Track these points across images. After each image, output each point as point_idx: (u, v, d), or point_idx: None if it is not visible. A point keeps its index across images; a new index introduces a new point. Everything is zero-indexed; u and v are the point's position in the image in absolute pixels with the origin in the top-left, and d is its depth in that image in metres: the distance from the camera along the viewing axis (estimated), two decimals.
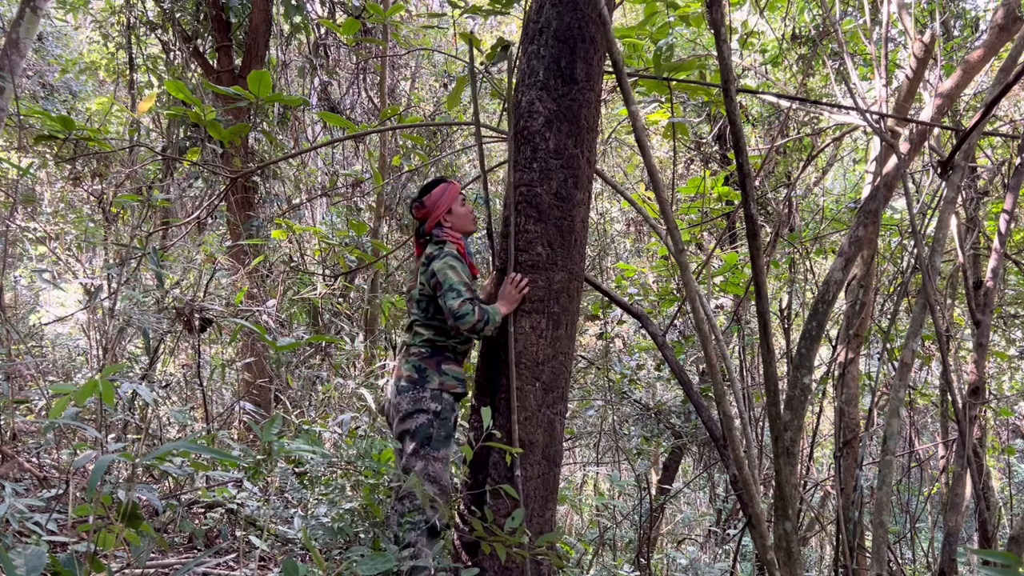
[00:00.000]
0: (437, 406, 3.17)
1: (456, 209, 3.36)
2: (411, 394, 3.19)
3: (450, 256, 3.20)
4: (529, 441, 3.06)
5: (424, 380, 3.20)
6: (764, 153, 6.49)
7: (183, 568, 2.17)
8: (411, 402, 3.18)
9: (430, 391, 3.18)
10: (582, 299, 4.45)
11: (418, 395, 3.18)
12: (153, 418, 4.37)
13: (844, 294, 4.50)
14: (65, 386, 2.09)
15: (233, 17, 6.78)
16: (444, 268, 3.15)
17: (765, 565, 2.36)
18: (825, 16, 6.27)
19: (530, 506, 3.03)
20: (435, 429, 3.15)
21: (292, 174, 7.50)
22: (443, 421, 3.17)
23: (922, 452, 7.66)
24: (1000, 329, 7.71)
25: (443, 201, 3.35)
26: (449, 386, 3.23)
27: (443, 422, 3.17)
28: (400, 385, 3.26)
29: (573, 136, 3.17)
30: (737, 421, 4.61)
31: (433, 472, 3.11)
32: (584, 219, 3.27)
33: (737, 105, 2.11)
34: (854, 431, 4.43)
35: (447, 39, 9.59)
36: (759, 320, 2.20)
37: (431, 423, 3.15)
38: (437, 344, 3.27)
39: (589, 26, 3.17)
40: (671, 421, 6.14)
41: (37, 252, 7.54)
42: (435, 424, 3.15)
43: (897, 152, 3.47)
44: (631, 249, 10.42)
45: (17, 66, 3.86)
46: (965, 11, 6.70)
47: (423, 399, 3.17)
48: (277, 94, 3.64)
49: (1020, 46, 3.31)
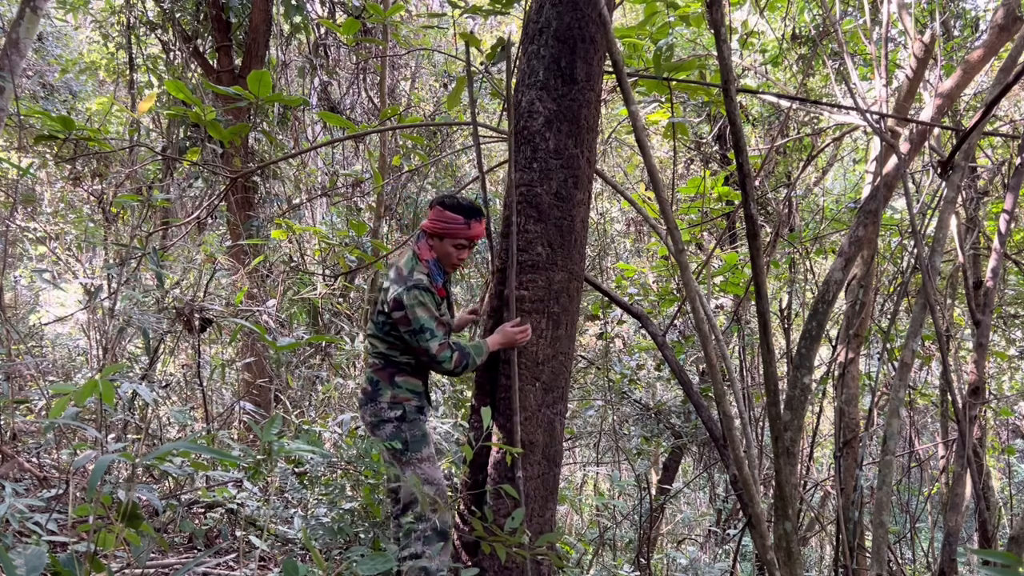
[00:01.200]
0: (397, 412, 3.07)
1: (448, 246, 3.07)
2: (369, 407, 3.10)
3: (416, 290, 2.93)
4: (529, 441, 3.06)
5: (376, 393, 3.09)
6: (764, 153, 6.49)
7: (183, 568, 2.17)
8: (371, 415, 3.09)
9: (385, 403, 3.07)
10: (582, 299, 4.45)
11: (375, 407, 3.08)
12: (153, 418, 4.37)
13: (844, 294, 4.50)
14: (65, 386, 2.09)
15: (233, 17, 6.78)
16: (413, 306, 2.92)
17: (765, 565, 2.36)
18: (825, 16, 6.27)
19: (530, 506, 3.03)
20: (405, 432, 3.04)
21: (292, 174, 7.50)
22: (410, 423, 3.07)
23: (922, 452, 7.66)
24: (1000, 329, 7.71)
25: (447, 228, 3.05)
26: (402, 398, 3.08)
27: (411, 424, 3.07)
28: (359, 398, 3.21)
29: (573, 136, 3.17)
30: (737, 421, 4.61)
31: (423, 474, 3.03)
32: (584, 219, 3.26)
33: (737, 105, 2.11)
34: (854, 431, 4.43)
35: (447, 39, 9.59)
36: (759, 320, 2.20)
37: (398, 428, 3.05)
38: (390, 358, 3.10)
39: (589, 26, 3.17)
40: (671, 421, 6.14)
41: (37, 252, 7.54)
42: (403, 428, 3.05)
43: (897, 152, 3.47)
44: (631, 249, 10.42)
45: (17, 66, 3.86)
46: (965, 11, 6.70)
47: (381, 410, 3.07)
48: (277, 94, 3.64)
49: (1020, 46, 3.31)
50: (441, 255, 3.10)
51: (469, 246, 3.12)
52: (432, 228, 3.07)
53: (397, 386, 3.09)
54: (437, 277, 3.08)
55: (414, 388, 3.12)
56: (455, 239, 3.06)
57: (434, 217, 3.08)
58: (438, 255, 3.11)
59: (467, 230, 3.05)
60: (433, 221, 3.07)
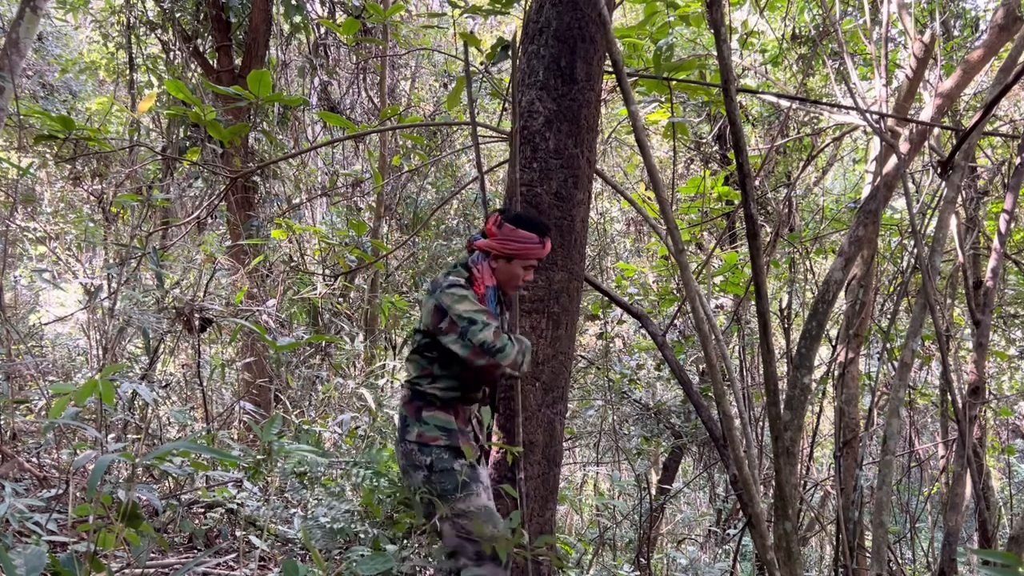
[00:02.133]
0: (427, 459, 2.69)
1: (517, 268, 2.77)
2: (400, 448, 2.77)
3: (452, 287, 2.66)
4: (529, 441, 3.06)
5: (405, 430, 2.76)
6: (764, 153, 6.49)
7: (183, 568, 2.17)
8: (402, 456, 2.75)
9: (413, 445, 2.72)
10: (582, 299, 4.45)
11: (405, 448, 2.74)
12: (153, 418, 4.37)
13: (844, 294, 4.50)
14: (65, 386, 2.09)
15: (233, 17, 6.78)
16: (452, 303, 2.61)
17: (765, 565, 2.36)
18: (825, 16, 6.27)
19: (530, 506, 3.03)
20: (435, 484, 2.66)
21: (292, 174, 7.50)
22: (442, 473, 2.67)
23: (922, 452, 7.66)
24: (1000, 329, 7.71)
25: (521, 248, 2.74)
26: (429, 438, 2.70)
27: (443, 473, 2.66)
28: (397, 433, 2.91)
29: (573, 136, 3.17)
30: (737, 421, 4.61)
31: (459, 530, 2.64)
32: (584, 219, 3.27)
33: (737, 105, 2.11)
34: (854, 431, 4.43)
35: (447, 39, 9.60)
36: (759, 320, 2.20)
37: (428, 479, 2.67)
38: (417, 387, 2.77)
39: (589, 26, 3.17)
40: (671, 421, 6.14)
41: (37, 252, 7.54)
42: (433, 479, 2.66)
43: (897, 152, 3.47)
44: (631, 249, 10.42)
45: (17, 66, 3.86)
46: (965, 11, 6.71)
47: (411, 452, 2.72)
48: (277, 94, 3.64)
49: (1020, 46, 3.31)
50: (507, 278, 2.80)
51: (538, 266, 2.89)
52: (503, 249, 2.74)
53: (424, 423, 2.72)
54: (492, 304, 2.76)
55: (444, 424, 2.72)
56: (527, 260, 2.77)
57: (505, 236, 2.73)
58: (503, 278, 2.80)
59: (541, 249, 2.77)
60: (503, 241, 2.73)
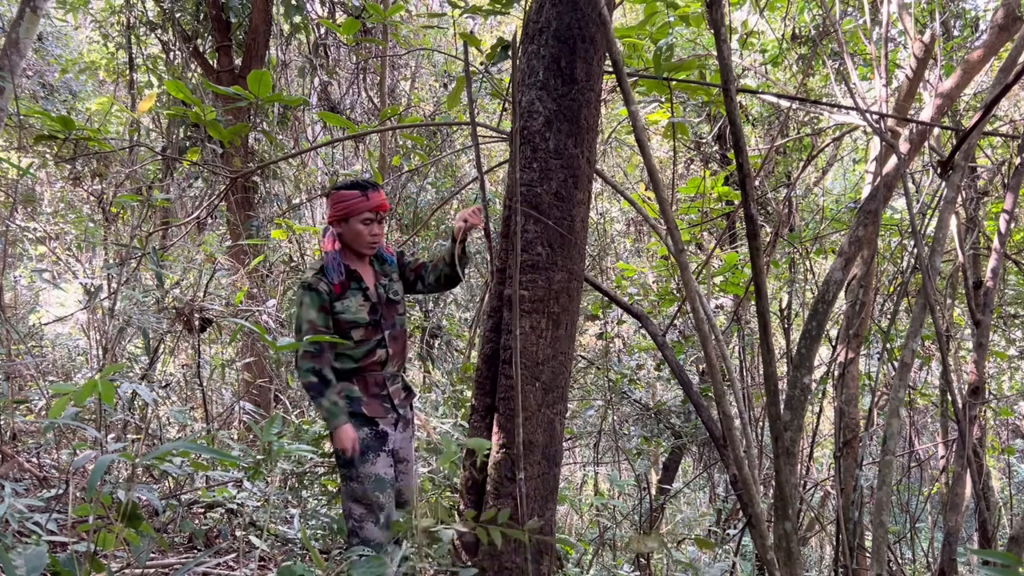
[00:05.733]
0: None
1: (356, 225, 3.02)
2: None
3: (300, 289, 2.94)
4: (529, 441, 3.06)
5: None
6: (764, 153, 6.49)
7: (183, 568, 2.17)
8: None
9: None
10: (582, 299, 4.45)
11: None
12: (153, 418, 4.37)
13: (844, 294, 4.50)
14: (65, 386, 2.09)
15: (233, 17, 6.78)
16: (295, 305, 2.93)
17: (765, 565, 2.36)
18: (825, 16, 6.27)
19: (530, 506, 3.03)
20: (338, 450, 2.98)
21: (292, 174, 7.50)
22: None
23: (922, 452, 7.66)
24: (1000, 329, 7.71)
25: (348, 207, 3.00)
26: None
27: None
28: None
29: (573, 136, 3.17)
30: (737, 421, 4.61)
31: (350, 494, 2.99)
32: (584, 219, 3.26)
33: (737, 105, 2.11)
34: (854, 431, 4.43)
35: (447, 39, 9.60)
36: (759, 320, 2.20)
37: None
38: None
39: (589, 26, 3.17)
40: (671, 421, 6.14)
41: (37, 252, 7.54)
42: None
43: (897, 152, 3.47)
44: (631, 249, 10.42)
45: (17, 66, 3.86)
46: (965, 11, 6.70)
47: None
48: (277, 94, 3.64)
49: (1020, 46, 3.31)
50: (352, 239, 3.04)
51: (378, 219, 3.04)
52: (333, 214, 3.02)
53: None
54: (331, 271, 2.98)
55: (348, 394, 3.02)
56: (359, 215, 3.01)
57: (332, 202, 3.03)
58: (348, 240, 3.04)
59: (367, 201, 3.00)
60: (332, 206, 3.03)
